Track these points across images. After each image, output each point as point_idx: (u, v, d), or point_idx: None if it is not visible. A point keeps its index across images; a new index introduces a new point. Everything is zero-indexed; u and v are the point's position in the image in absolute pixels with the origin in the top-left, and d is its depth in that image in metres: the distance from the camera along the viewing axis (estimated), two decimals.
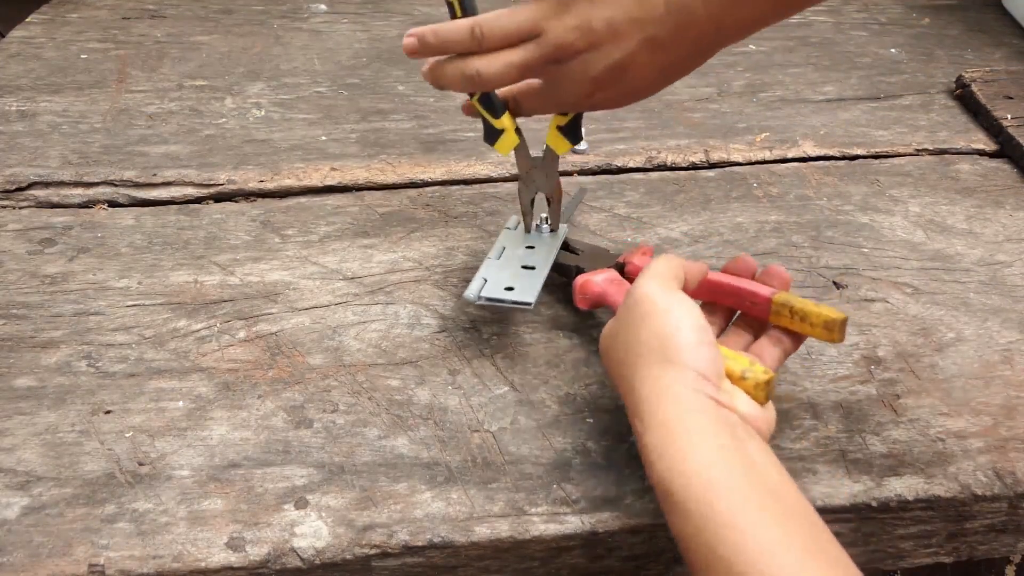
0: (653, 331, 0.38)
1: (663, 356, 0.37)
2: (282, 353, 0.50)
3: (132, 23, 0.84)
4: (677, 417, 0.36)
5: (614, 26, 0.42)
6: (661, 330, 0.38)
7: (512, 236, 0.55)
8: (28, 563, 0.39)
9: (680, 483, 0.34)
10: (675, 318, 0.38)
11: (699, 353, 0.37)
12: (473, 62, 0.44)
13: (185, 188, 0.63)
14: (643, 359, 0.38)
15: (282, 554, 0.40)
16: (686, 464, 0.34)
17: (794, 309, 0.44)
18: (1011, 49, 0.85)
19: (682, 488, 0.34)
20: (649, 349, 0.38)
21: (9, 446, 0.44)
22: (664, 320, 0.38)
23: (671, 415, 0.36)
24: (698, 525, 0.33)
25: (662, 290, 0.40)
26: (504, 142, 0.51)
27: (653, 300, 0.39)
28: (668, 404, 0.36)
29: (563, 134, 0.51)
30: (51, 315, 0.52)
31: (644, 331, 0.39)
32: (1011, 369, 0.51)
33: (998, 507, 0.45)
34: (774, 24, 0.45)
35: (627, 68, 0.44)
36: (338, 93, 0.75)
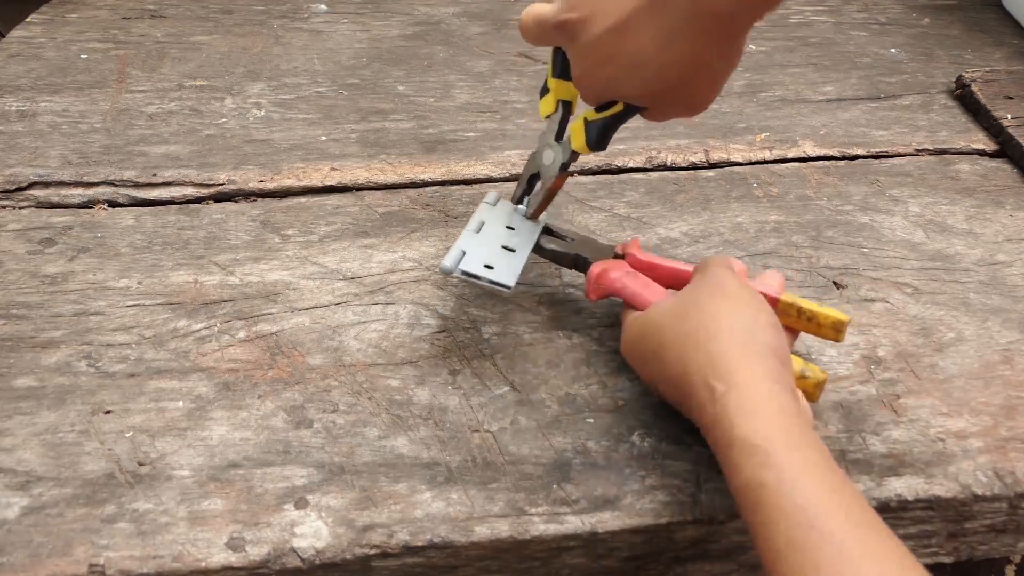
0: (738, 314, 0.41)
1: (750, 337, 0.40)
2: (282, 353, 0.50)
3: (132, 23, 0.84)
4: (764, 382, 0.38)
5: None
6: (746, 314, 0.41)
7: (492, 212, 0.54)
8: (28, 563, 0.39)
9: (762, 436, 0.36)
10: (756, 308, 0.42)
11: (779, 341, 0.41)
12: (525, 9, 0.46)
13: (185, 188, 0.63)
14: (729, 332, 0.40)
15: (282, 554, 0.40)
16: (769, 419, 0.37)
17: (802, 310, 0.46)
18: (1011, 49, 0.85)
19: (764, 440, 0.36)
20: (733, 329, 0.40)
21: (9, 446, 0.44)
22: (748, 306, 0.41)
23: (764, 380, 0.38)
24: (777, 476, 0.35)
25: (739, 282, 0.43)
26: (544, 103, 0.50)
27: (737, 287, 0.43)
28: (760, 370, 0.39)
29: (587, 132, 0.48)
30: (51, 315, 0.52)
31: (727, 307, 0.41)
32: (1011, 369, 0.51)
33: (998, 507, 0.45)
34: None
35: (623, 32, 0.41)
36: (338, 93, 0.75)
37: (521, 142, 0.69)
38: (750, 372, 0.38)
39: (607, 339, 0.52)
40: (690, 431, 0.46)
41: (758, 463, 0.35)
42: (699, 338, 0.40)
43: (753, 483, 0.35)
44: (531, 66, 0.80)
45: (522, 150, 0.68)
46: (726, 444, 0.37)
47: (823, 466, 0.36)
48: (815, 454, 0.36)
